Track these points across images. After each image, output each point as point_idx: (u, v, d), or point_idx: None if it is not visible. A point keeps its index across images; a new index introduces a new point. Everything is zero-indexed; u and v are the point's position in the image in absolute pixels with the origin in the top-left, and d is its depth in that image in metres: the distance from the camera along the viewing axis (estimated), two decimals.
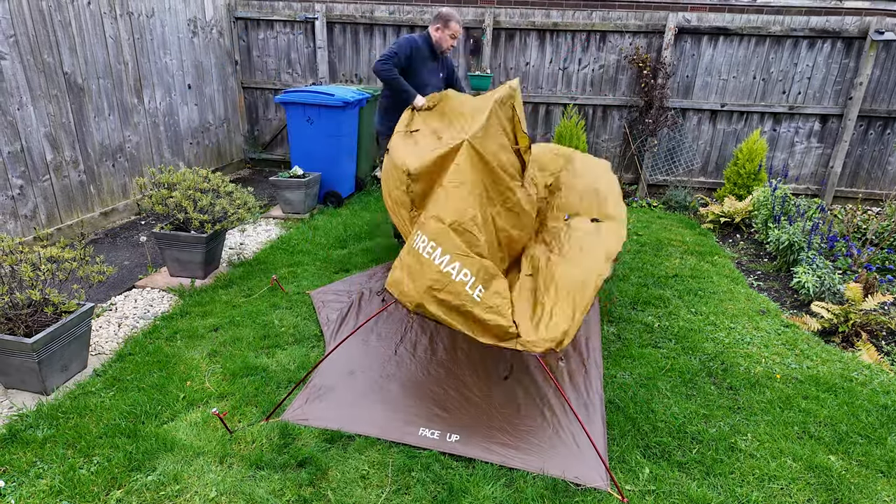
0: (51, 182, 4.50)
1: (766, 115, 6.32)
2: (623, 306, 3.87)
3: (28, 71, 4.21)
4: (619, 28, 6.20)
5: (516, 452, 2.44)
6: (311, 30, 6.78)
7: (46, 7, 4.31)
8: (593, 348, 3.26)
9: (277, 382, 2.89)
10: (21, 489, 2.20)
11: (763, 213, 5.15)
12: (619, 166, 6.77)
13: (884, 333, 3.62)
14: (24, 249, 2.88)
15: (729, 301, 3.99)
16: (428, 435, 2.53)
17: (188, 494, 2.20)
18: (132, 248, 4.73)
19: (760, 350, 3.37)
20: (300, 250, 4.67)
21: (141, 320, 3.56)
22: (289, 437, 2.49)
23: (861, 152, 6.31)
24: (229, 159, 7.14)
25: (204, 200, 3.91)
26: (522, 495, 2.22)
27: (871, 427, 2.71)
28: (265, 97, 7.22)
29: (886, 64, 5.95)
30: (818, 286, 3.97)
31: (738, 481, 2.36)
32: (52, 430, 2.50)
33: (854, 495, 2.31)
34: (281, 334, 3.36)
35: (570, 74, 6.52)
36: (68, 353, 2.83)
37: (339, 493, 2.23)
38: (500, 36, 6.48)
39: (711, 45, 6.16)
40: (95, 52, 4.82)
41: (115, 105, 5.09)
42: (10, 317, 2.70)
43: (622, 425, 2.65)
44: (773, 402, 2.87)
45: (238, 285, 4.00)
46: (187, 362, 3.06)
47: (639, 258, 4.72)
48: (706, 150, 6.58)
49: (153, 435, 2.48)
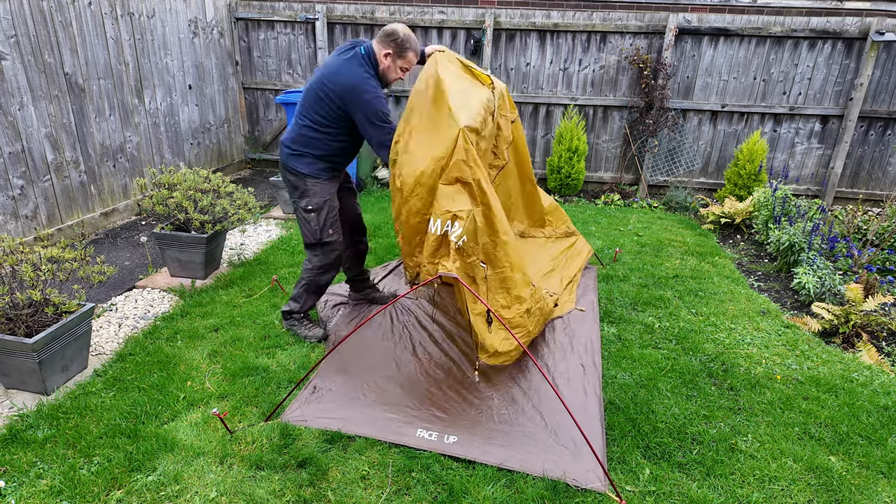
0: (51, 182, 4.51)
1: (766, 115, 6.32)
2: (623, 307, 3.86)
3: (29, 71, 4.22)
4: (620, 29, 6.20)
5: (515, 454, 2.44)
6: (311, 30, 6.78)
7: (47, 7, 4.32)
8: (592, 349, 3.26)
9: (278, 383, 2.89)
10: (21, 489, 2.20)
11: (763, 213, 5.15)
12: (619, 167, 6.78)
13: (884, 334, 3.61)
14: (25, 250, 2.88)
15: (729, 302, 3.98)
16: (426, 436, 2.53)
17: (188, 495, 2.20)
18: (133, 248, 4.73)
19: (761, 351, 3.37)
20: (300, 251, 4.67)
21: (141, 320, 3.56)
22: (289, 438, 2.49)
23: (861, 153, 6.31)
24: (230, 160, 7.14)
25: (204, 201, 3.91)
26: (522, 496, 2.22)
27: (871, 428, 2.71)
28: (266, 98, 7.22)
29: (887, 65, 5.95)
30: (819, 287, 3.97)
31: (739, 482, 2.36)
32: (52, 431, 2.50)
33: (855, 496, 2.31)
34: (281, 335, 3.36)
35: (570, 75, 6.52)
36: (69, 354, 2.83)
37: (339, 493, 2.23)
38: (500, 36, 6.48)
39: (712, 45, 6.16)
40: (96, 52, 4.82)
41: (115, 105, 5.10)
42: (11, 317, 2.70)
43: (622, 426, 2.65)
44: (773, 403, 2.87)
45: (238, 286, 4.00)
46: (188, 362, 3.06)
47: (639, 259, 4.72)
48: (707, 151, 6.58)
49: (153, 435, 2.48)
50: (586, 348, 3.26)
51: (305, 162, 3.06)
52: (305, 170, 3.06)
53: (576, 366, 3.09)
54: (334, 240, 3.18)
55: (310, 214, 3.10)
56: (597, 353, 3.23)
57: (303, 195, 3.09)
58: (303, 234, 3.20)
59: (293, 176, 3.10)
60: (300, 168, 3.06)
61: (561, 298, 3.77)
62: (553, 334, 3.43)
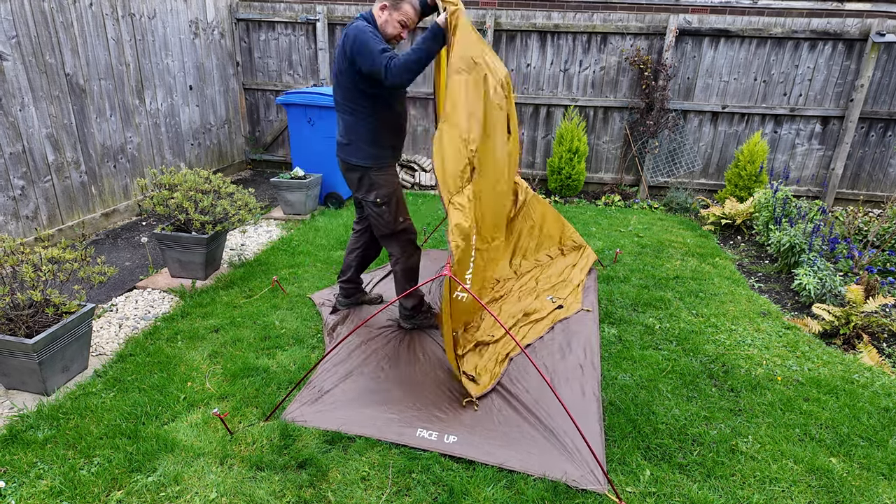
0: (52, 183, 4.51)
1: (767, 116, 6.31)
2: (624, 308, 3.86)
3: (30, 72, 4.22)
4: (620, 30, 6.20)
5: (515, 454, 2.43)
6: (312, 31, 6.79)
7: (48, 8, 4.32)
8: (591, 350, 3.26)
9: (278, 383, 2.89)
10: (21, 490, 2.20)
11: (764, 214, 5.15)
12: (619, 168, 6.78)
13: (885, 336, 3.61)
14: (26, 250, 2.88)
15: (730, 303, 3.98)
16: (426, 436, 2.53)
17: (188, 495, 2.19)
18: (133, 248, 4.73)
19: (761, 352, 3.37)
20: (301, 251, 4.67)
21: (142, 321, 3.56)
22: (289, 439, 2.49)
23: (862, 154, 6.31)
24: (230, 160, 7.15)
25: (205, 201, 3.91)
26: (523, 497, 2.22)
27: (872, 429, 2.71)
28: (266, 98, 7.23)
29: (887, 66, 5.95)
30: (819, 288, 3.97)
31: (739, 483, 2.36)
32: (52, 431, 2.50)
33: (855, 498, 2.30)
34: (282, 335, 3.36)
35: (570, 76, 6.52)
36: (69, 354, 2.83)
37: (339, 494, 2.23)
38: (500, 37, 6.49)
39: (712, 46, 6.16)
40: (97, 53, 4.83)
41: (116, 106, 5.10)
42: (12, 317, 2.70)
43: (623, 427, 2.65)
44: (774, 404, 2.87)
45: (239, 286, 4.00)
46: (188, 363, 3.06)
47: (640, 260, 4.72)
48: (707, 152, 6.58)
49: (154, 436, 2.48)
50: (585, 349, 3.26)
51: (362, 153, 3.05)
52: (365, 161, 3.06)
53: (574, 367, 3.09)
54: (407, 225, 3.22)
55: (381, 207, 3.12)
56: (596, 354, 3.23)
57: (370, 189, 3.10)
58: (376, 228, 3.22)
59: (355, 171, 3.10)
60: (360, 161, 3.06)
61: (566, 301, 3.79)
62: (552, 335, 3.44)
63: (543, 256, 4.39)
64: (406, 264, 3.27)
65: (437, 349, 3.21)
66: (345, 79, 2.93)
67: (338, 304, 3.66)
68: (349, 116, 3.02)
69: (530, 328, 3.48)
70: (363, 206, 3.26)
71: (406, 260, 3.26)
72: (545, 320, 3.57)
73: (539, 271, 4.22)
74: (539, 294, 3.88)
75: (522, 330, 3.46)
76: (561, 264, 4.30)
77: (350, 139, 3.05)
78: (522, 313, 3.60)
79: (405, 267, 3.27)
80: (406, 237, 3.23)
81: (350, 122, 3.03)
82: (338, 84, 3.01)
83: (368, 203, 3.13)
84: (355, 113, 3.00)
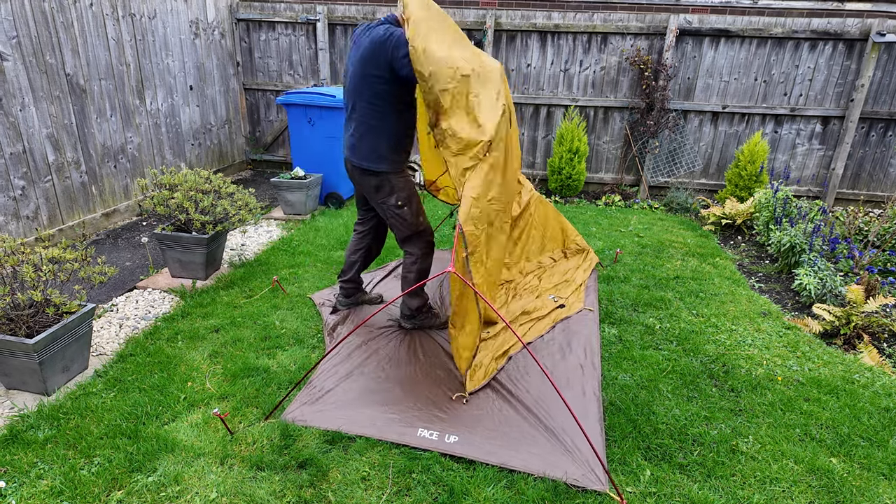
0: (52, 183, 4.51)
1: (767, 116, 6.31)
2: (624, 308, 3.86)
3: (30, 72, 4.22)
4: (621, 30, 6.20)
5: (515, 453, 2.43)
6: (312, 31, 6.79)
7: (49, 8, 4.33)
8: (591, 350, 3.26)
9: (278, 383, 2.89)
10: (22, 490, 2.20)
11: (764, 214, 5.14)
12: (620, 168, 6.78)
13: (886, 336, 3.61)
14: (26, 250, 2.88)
15: (730, 303, 3.98)
16: (427, 436, 2.53)
17: (189, 495, 2.20)
18: (133, 248, 4.74)
19: (762, 352, 3.37)
20: (301, 251, 4.67)
21: (142, 321, 3.56)
22: (289, 439, 2.49)
23: (863, 154, 6.30)
24: (231, 160, 7.15)
25: (205, 202, 3.91)
26: (523, 497, 2.22)
27: (872, 429, 2.71)
28: (267, 98, 7.23)
29: (888, 66, 5.94)
30: (820, 288, 3.97)
31: (740, 483, 2.36)
32: (53, 431, 2.50)
33: (856, 498, 2.30)
34: (282, 335, 3.36)
35: (571, 76, 6.52)
36: (69, 354, 2.83)
37: (339, 494, 2.23)
38: (501, 38, 6.49)
39: (713, 46, 6.16)
40: (97, 53, 4.83)
41: (116, 106, 5.10)
42: (12, 317, 2.70)
43: (623, 427, 2.65)
44: (774, 405, 2.87)
45: (239, 286, 4.00)
46: (188, 363, 3.06)
47: (640, 260, 4.72)
48: (707, 152, 6.57)
49: (154, 436, 2.48)
50: (585, 349, 3.26)
51: (384, 159, 3.03)
52: (387, 167, 3.05)
53: (575, 367, 3.09)
54: (426, 226, 3.24)
55: (402, 210, 3.12)
56: (596, 354, 3.23)
57: (390, 193, 3.10)
58: (398, 231, 3.20)
59: (374, 177, 3.08)
60: (381, 167, 3.04)
61: (569, 300, 3.80)
62: (552, 335, 3.44)
63: (546, 259, 4.39)
64: (423, 265, 3.28)
65: (438, 349, 3.21)
66: (379, 84, 2.87)
67: (338, 304, 3.66)
68: (375, 122, 2.97)
69: (531, 326, 3.48)
70: (378, 210, 3.23)
71: (423, 261, 3.27)
72: (546, 319, 3.57)
73: (542, 271, 4.22)
74: (541, 293, 3.88)
75: (523, 328, 3.46)
76: (563, 267, 4.31)
77: (372, 145, 3.02)
78: (522, 311, 3.60)
79: (422, 268, 3.28)
80: (426, 238, 3.25)
81: (375, 127, 2.98)
82: (363, 88, 2.91)
83: (390, 207, 3.12)
84: (384, 118, 2.97)
